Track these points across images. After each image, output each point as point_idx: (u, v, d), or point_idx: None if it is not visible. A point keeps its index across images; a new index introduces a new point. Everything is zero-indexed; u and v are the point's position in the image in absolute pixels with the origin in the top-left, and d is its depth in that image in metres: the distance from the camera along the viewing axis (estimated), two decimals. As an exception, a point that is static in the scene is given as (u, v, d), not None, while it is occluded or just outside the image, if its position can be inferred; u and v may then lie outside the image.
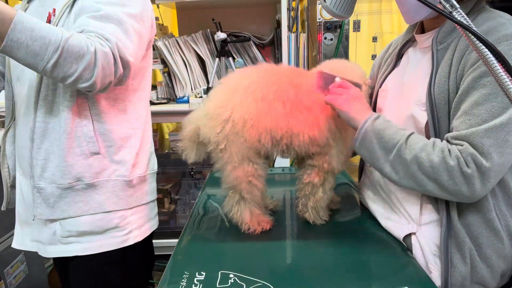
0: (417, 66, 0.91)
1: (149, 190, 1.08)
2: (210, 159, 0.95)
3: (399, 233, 0.90)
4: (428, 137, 0.83)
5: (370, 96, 1.06)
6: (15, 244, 1.05)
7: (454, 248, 0.81)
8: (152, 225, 1.10)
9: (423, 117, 0.83)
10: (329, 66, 1.06)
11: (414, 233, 0.88)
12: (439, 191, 0.77)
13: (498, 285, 0.84)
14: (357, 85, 0.92)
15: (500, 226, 0.80)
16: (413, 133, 0.81)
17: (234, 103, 0.87)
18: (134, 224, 1.03)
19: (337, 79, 0.92)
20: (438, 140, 0.79)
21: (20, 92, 0.97)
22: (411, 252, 0.88)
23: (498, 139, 0.71)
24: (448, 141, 0.78)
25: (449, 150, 0.75)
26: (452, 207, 0.81)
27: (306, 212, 1.00)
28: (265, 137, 0.87)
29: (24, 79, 0.95)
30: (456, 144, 0.75)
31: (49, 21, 0.91)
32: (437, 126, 0.81)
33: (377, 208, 1.00)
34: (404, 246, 0.89)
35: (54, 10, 0.91)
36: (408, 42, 0.97)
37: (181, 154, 0.95)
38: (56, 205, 0.94)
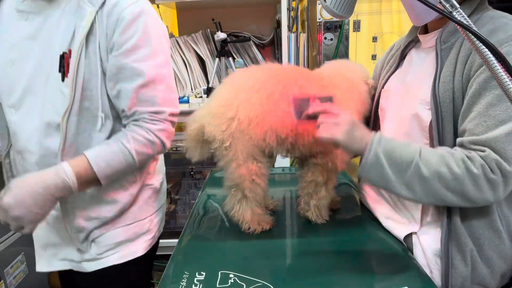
0: (420, 66, 0.91)
1: (164, 191, 1.14)
2: (210, 159, 0.95)
3: (400, 233, 0.90)
4: (431, 136, 0.82)
5: (373, 97, 1.06)
6: (41, 268, 1.00)
7: (455, 249, 0.81)
8: (163, 222, 1.15)
9: (427, 116, 0.83)
10: (331, 67, 1.07)
11: (415, 233, 0.88)
12: (462, 202, 0.76)
13: (498, 286, 0.84)
14: (329, 98, 0.85)
15: (502, 227, 0.80)
16: (421, 147, 0.78)
17: (239, 102, 0.87)
18: (157, 224, 1.08)
19: (311, 102, 0.83)
20: (451, 150, 0.77)
21: (19, 122, 0.90)
22: (412, 251, 0.88)
23: None
24: (464, 146, 0.76)
25: (469, 158, 0.74)
26: (453, 208, 0.81)
27: (308, 211, 1.01)
28: (270, 136, 0.88)
29: (24, 112, 0.89)
30: (476, 150, 0.74)
31: (67, 63, 0.83)
32: (440, 125, 0.80)
33: (378, 207, 1.00)
34: (404, 246, 0.89)
35: (70, 51, 0.83)
36: (411, 43, 0.97)
37: (185, 153, 0.95)
38: (98, 233, 0.95)
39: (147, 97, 0.87)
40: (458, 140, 0.78)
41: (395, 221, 0.93)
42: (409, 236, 0.89)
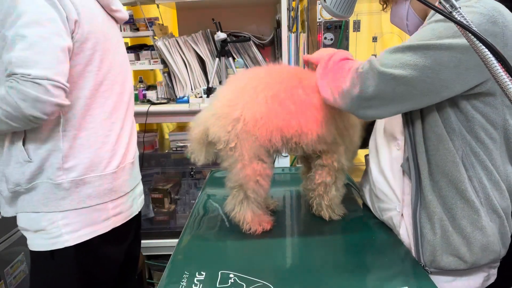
0: None
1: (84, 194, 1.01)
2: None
3: (397, 220, 0.91)
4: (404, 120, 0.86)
5: None
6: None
7: (424, 218, 0.83)
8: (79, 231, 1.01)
9: None
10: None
11: (402, 215, 0.89)
12: None
13: (477, 260, 0.80)
14: None
15: (475, 197, 0.79)
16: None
17: (244, 102, 0.87)
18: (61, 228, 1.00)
19: None
20: None
21: None
22: (399, 232, 0.90)
23: (394, 61, 0.73)
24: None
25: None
26: (424, 179, 0.82)
27: (322, 211, 1.02)
28: (275, 136, 0.88)
29: None
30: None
31: None
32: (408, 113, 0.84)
33: (378, 203, 1.01)
34: (405, 247, 0.89)
35: None
36: None
37: (190, 156, 0.94)
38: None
39: (6, 58, 0.85)
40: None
41: (389, 210, 0.94)
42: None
